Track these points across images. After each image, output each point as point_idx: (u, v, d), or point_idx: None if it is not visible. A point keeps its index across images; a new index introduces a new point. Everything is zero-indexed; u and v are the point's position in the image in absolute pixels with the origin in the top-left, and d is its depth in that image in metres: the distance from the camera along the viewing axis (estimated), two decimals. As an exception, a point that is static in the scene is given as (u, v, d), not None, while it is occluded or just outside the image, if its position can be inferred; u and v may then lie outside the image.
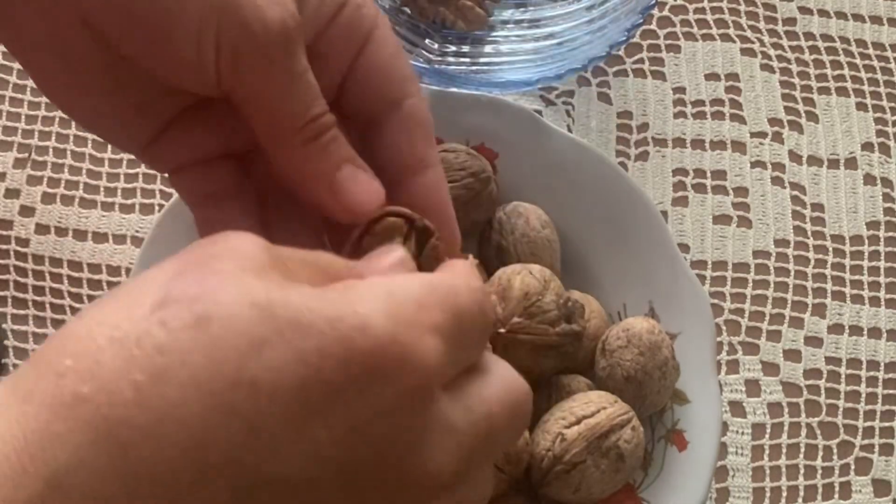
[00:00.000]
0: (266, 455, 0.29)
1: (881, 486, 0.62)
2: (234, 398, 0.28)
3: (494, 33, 0.69)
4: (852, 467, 0.62)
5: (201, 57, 0.37)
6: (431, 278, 0.33)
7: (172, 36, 0.37)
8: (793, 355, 0.64)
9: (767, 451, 0.62)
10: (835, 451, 0.63)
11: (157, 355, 0.28)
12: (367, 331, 0.30)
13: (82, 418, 0.28)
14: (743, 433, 0.62)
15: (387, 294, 0.31)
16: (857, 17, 0.73)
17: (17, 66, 0.67)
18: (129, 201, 0.64)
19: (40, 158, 0.65)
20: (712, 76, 0.71)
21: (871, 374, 0.64)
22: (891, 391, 0.64)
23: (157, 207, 0.64)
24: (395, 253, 0.36)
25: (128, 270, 0.62)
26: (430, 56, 0.67)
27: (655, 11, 0.71)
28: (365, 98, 0.40)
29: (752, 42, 0.72)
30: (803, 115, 0.70)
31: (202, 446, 0.28)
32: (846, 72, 0.71)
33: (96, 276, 0.63)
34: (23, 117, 0.66)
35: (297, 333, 0.29)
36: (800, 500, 0.61)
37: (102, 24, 0.37)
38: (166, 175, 0.43)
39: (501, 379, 0.35)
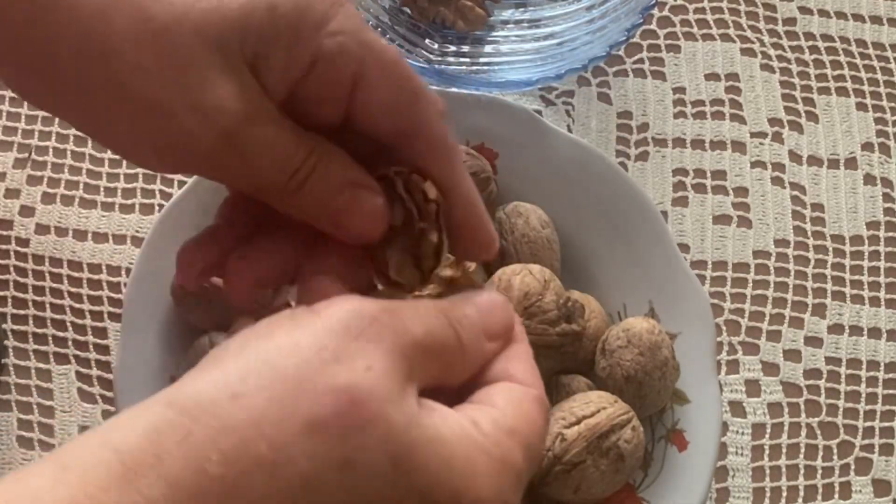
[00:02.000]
0: None
1: (881, 486, 0.62)
2: None
3: (494, 33, 0.69)
4: (852, 467, 0.62)
5: (158, 160, 0.38)
6: (527, 442, 0.36)
7: (121, 140, 0.38)
8: (793, 355, 0.64)
9: (767, 451, 0.62)
10: (835, 451, 0.63)
11: (301, 489, 0.30)
12: None
13: None
14: (743, 433, 0.62)
15: (500, 464, 0.34)
16: (857, 17, 0.73)
17: (17, 66, 0.67)
18: (129, 201, 0.64)
19: (40, 158, 0.65)
20: (712, 76, 0.71)
21: (871, 374, 0.64)
22: (891, 391, 0.64)
23: (157, 207, 0.64)
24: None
25: (128, 271, 0.62)
26: (430, 56, 0.67)
27: (655, 11, 0.71)
28: (373, 129, 0.40)
29: (752, 42, 0.72)
30: (803, 115, 0.70)
31: None
32: (846, 72, 0.71)
33: (96, 276, 0.63)
34: (23, 117, 0.66)
35: (421, 502, 0.32)
36: (800, 500, 0.61)
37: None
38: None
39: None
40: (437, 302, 0.38)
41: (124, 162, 0.65)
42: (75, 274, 0.63)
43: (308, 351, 0.32)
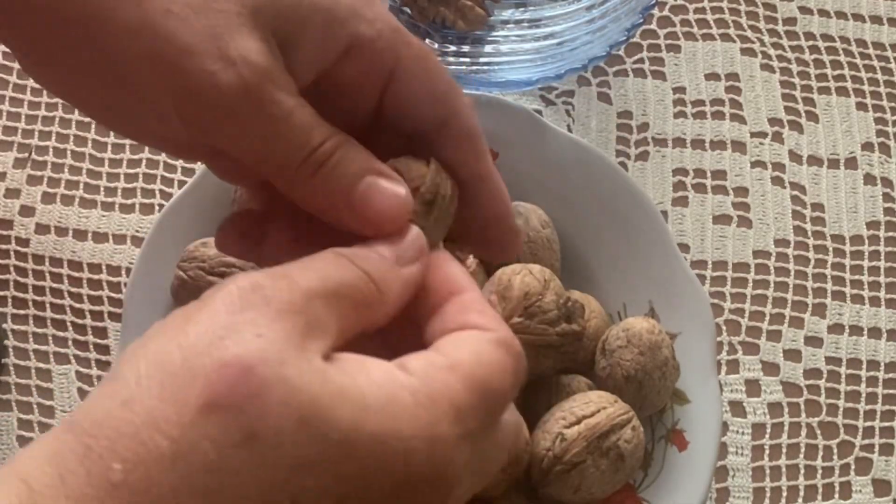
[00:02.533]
0: None
1: (881, 486, 0.62)
2: None
3: (494, 33, 0.69)
4: (852, 467, 0.62)
5: (166, 118, 0.36)
6: (470, 372, 0.33)
7: (137, 112, 0.37)
8: (793, 355, 0.64)
9: (767, 451, 0.62)
10: (835, 451, 0.63)
11: (205, 474, 0.29)
12: (409, 459, 0.31)
13: None
14: (743, 433, 0.62)
15: (429, 404, 0.32)
16: (857, 17, 0.73)
17: (16, 65, 0.67)
18: (129, 201, 0.64)
19: (40, 158, 0.65)
20: (712, 76, 0.71)
21: (871, 374, 0.64)
22: (891, 391, 0.64)
23: (157, 207, 0.64)
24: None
25: (128, 270, 0.62)
26: (430, 56, 0.67)
27: (655, 11, 0.71)
28: (405, 121, 0.39)
29: (753, 42, 0.72)
30: (803, 115, 0.70)
31: None
32: (846, 72, 0.71)
33: (96, 276, 0.63)
34: (23, 117, 0.66)
35: (341, 457, 0.30)
36: (800, 500, 0.61)
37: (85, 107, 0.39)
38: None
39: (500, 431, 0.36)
40: (334, 248, 0.35)
41: (124, 162, 0.65)
42: (75, 274, 0.63)
43: (194, 338, 0.31)
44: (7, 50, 0.68)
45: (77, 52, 0.36)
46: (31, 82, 0.67)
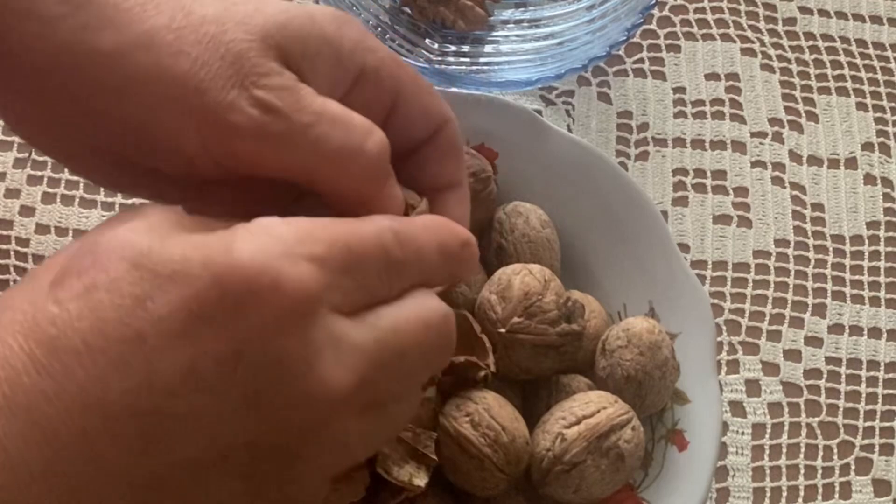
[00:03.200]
0: (162, 396, 0.31)
1: (881, 486, 0.62)
2: (123, 352, 0.31)
3: (494, 33, 0.69)
4: (852, 467, 0.62)
5: (189, 159, 0.37)
6: (329, 219, 0.34)
7: (156, 146, 0.38)
8: (793, 355, 0.64)
9: (767, 451, 0.62)
10: (835, 451, 0.63)
11: (50, 327, 0.31)
12: (235, 265, 0.32)
13: None
14: (743, 433, 0.62)
15: (264, 232, 0.33)
16: (857, 17, 0.73)
17: (17, 66, 0.67)
18: (129, 201, 0.64)
19: (40, 158, 0.65)
20: (712, 76, 0.71)
21: (871, 374, 0.64)
22: (891, 391, 0.64)
23: (157, 207, 0.64)
24: None
25: (128, 270, 0.62)
26: (430, 56, 0.67)
27: (655, 11, 0.71)
28: (404, 139, 0.41)
29: (752, 42, 0.72)
30: (803, 115, 0.70)
31: (102, 402, 0.31)
32: (846, 72, 0.71)
33: (96, 276, 0.63)
34: (23, 117, 0.66)
35: (175, 284, 0.31)
36: (800, 500, 0.61)
37: (93, 136, 0.39)
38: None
39: (414, 302, 0.36)
40: None
41: (124, 162, 0.65)
42: (75, 274, 0.63)
43: (64, 249, 0.34)
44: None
45: (88, 104, 0.37)
46: (31, 82, 0.67)
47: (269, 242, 0.32)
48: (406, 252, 0.36)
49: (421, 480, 0.50)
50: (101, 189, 0.65)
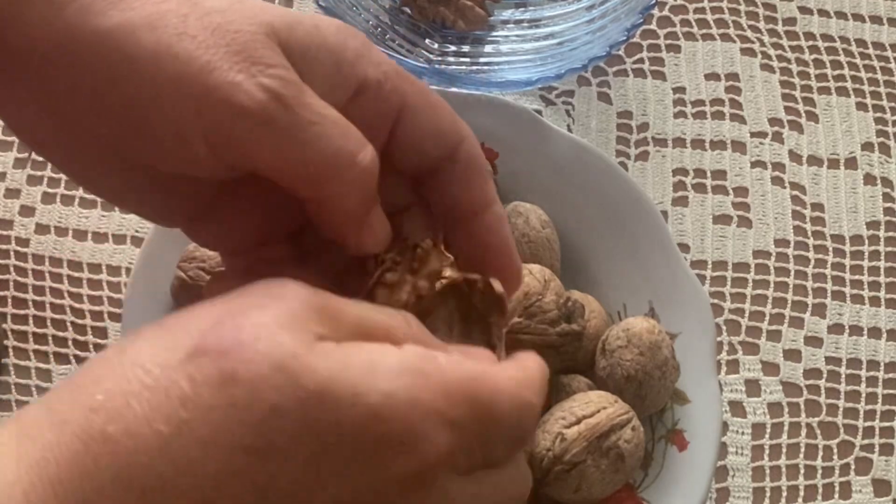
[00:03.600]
0: None
1: (881, 486, 0.62)
2: (248, 462, 0.30)
3: (494, 33, 0.69)
4: (852, 467, 0.62)
5: (188, 144, 0.36)
6: (478, 370, 0.33)
7: (156, 134, 0.36)
8: (793, 355, 0.64)
9: (767, 451, 0.62)
10: (835, 451, 0.63)
11: (181, 409, 0.30)
12: (386, 416, 0.31)
13: (108, 458, 0.30)
14: (743, 433, 0.62)
15: (416, 373, 0.32)
16: (857, 17, 0.73)
17: (17, 66, 0.67)
18: (129, 201, 0.64)
19: (40, 158, 0.65)
20: (712, 76, 0.71)
21: (871, 374, 0.64)
22: (891, 391, 0.64)
23: (157, 207, 0.64)
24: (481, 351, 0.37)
25: (128, 270, 0.62)
26: (430, 56, 0.67)
27: (655, 11, 0.71)
28: (414, 159, 0.40)
29: (752, 42, 0.72)
30: (803, 115, 0.70)
31: (211, 503, 0.30)
32: (846, 72, 0.71)
33: (96, 276, 0.63)
34: (23, 117, 0.66)
35: (317, 405, 0.30)
36: (800, 500, 0.61)
37: (96, 128, 0.37)
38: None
39: (515, 468, 0.36)
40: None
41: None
42: (75, 274, 0.63)
43: (203, 311, 0.33)
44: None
45: (88, 90, 0.36)
46: (31, 82, 0.67)
47: (418, 392, 0.32)
48: (529, 419, 0.36)
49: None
50: (101, 189, 0.65)
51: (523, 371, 0.35)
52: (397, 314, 0.35)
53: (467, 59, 0.68)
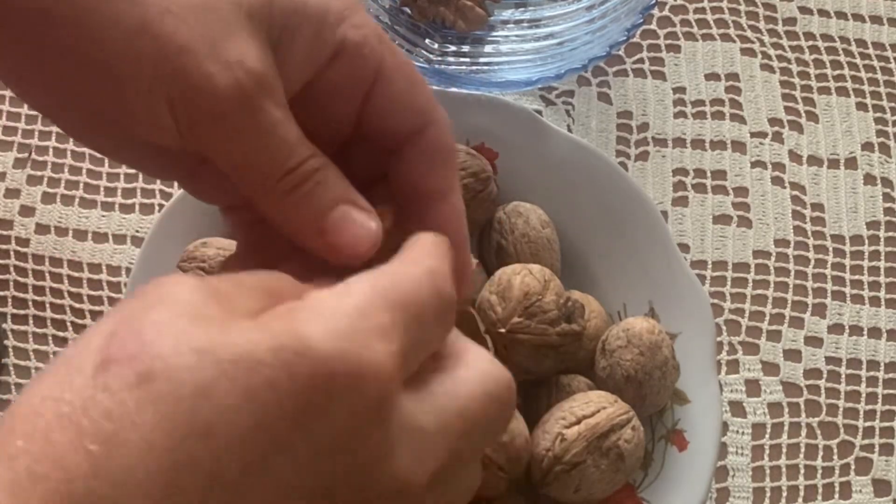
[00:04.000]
0: (232, 495, 0.28)
1: (881, 486, 0.62)
2: (191, 449, 0.28)
3: (494, 33, 0.69)
4: (852, 467, 0.62)
5: (159, 119, 0.36)
6: (374, 278, 0.32)
7: (131, 106, 0.36)
8: (793, 355, 0.64)
9: (767, 451, 0.62)
10: (835, 451, 0.63)
11: (105, 421, 0.28)
12: (310, 353, 0.29)
13: (43, 497, 0.27)
14: (743, 433, 0.62)
15: (327, 309, 0.31)
16: (857, 17, 0.73)
17: (17, 66, 0.67)
18: (129, 201, 0.64)
19: (40, 158, 0.65)
20: (712, 76, 0.71)
21: (871, 374, 0.64)
22: (891, 391, 0.64)
23: (157, 207, 0.64)
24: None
25: (128, 270, 0.62)
26: (430, 56, 0.67)
27: (655, 11, 0.71)
28: (384, 130, 0.39)
29: (752, 42, 0.72)
30: (803, 115, 0.70)
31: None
32: (846, 72, 0.71)
33: (96, 276, 0.63)
34: (23, 117, 0.66)
35: (242, 371, 0.29)
36: (800, 500, 0.61)
37: (80, 89, 0.37)
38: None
39: (476, 371, 0.34)
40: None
41: (124, 162, 0.65)
42: (75, 274, 0.63)
43: (94, 332, 0.31)
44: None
45: (69, 53, 0.36)
46: (31, 82, 0.67)
47: (336, 322, 0.30)
48: (450, 291, 0.34)
49: None
50: (101, 189, 0.65)
51: (414, 251, 0.34)
52: (284, 276, 0.34)
53: (467, 59, 0.67)
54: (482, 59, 0.68)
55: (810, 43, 0.72)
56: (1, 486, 0.27)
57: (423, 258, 0.34)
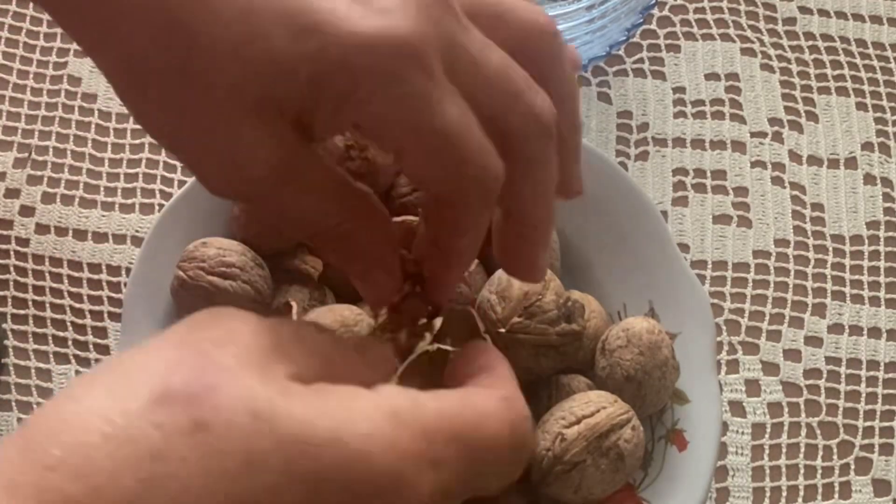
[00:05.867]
0: None
1: (881, 486, 0.62)
2: None
3: (494, 33, 0.69)
4: (852, 467, 0.62)
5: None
6: (457, 399, 0.32)
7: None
8: (793, 355, 0.64)
9: (767, 451, 0.62)
10: (835, 450, 0.63)
11: (150, 461, 0.28)
12: (368, 460, 0.29)
13: None
14: (743, 433, 0.62)
15: (392, 415, 0.30)
16: (857, 17, 0.73)
17: (17, 65, 0.67)
18: (129, 201, 0.64)
19: (40, 158, 0.65)
20: (712, 76, 0.71)
21: (871, 373, 0.64)
22: (891, 391, 0.64)
23: (157, 207, 0.64)
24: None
25: (128, 270, 0.62)
26: (430, 56, 0.67)
27: (655, 11, 0.71)
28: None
29: (752, 42, 0.72)
30: (803, 114, 0.70)
31: None
32: (846, 72, 0.71)
33: (96, 276, 0.63)
34: (23, 117, 0.66)
35: (296, 452, 0.29)
36: (800, 500, 0.61)
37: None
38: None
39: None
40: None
41: (124, 162, 0.65)
42: (75, 274, 0.63)
43: (157, 351, 0.31)
44: (7, 49, 0.68)
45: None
46: (31, 82, 0.67)
47: (398, 435, 0.30)
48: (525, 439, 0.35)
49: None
50: (101, 189, 0.65)
51: (505, 388, 0.34)
52: (343, 342, 0.35)
53: (467, 59, 0.67)
54: (482, 59, 0.68)
55: (810, 43, 0.72)
56: (29, 496, 0.27)
57: (503, 400, 0.34)
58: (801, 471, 0.62)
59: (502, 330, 0.54)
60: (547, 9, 0.69)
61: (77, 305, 0.62)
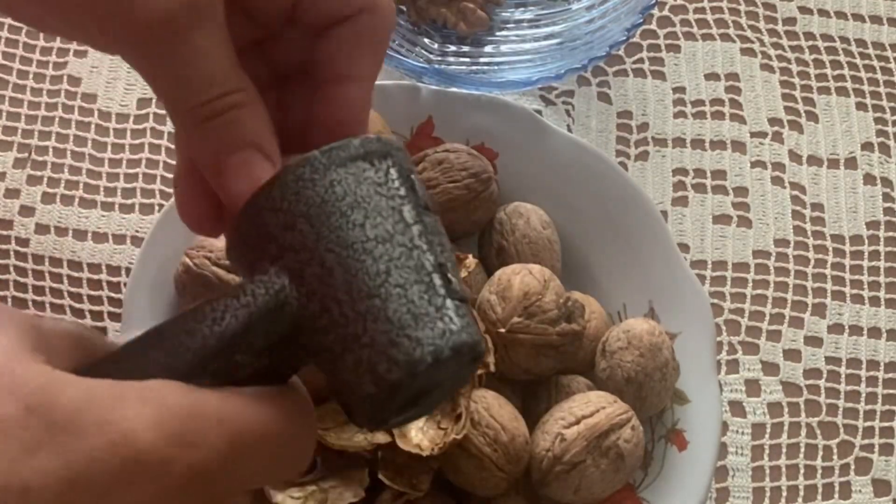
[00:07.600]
0: None
1: (881, 486, 0.62)
2: (5, 502, 0.29)
3: (494, 33, 0.69)
4: (852, 467, 0.62)
5: (89, 30, 0.37)
6: (210, 398, 0.33)
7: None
8: (793, 355, 0.64)
9: (767, 451, 0.62)
10: (835, 451, 0.63)
11: None
12: (133, 439, 0.30)
13: None
14: (743, 433, 0.62)
15: (156, 399, 0.31)
16: (857, 17, 0.73)
17: (16, 65, 0.67)
18: (129, 201, 0.64)
19: (40, 158, 0.65)
20: (712, 76, 0.71)
21: (871, 373, 0.64)
22: (891, 391, 0.64)
23: (157, 207, 0.64)
24: None
25: (128, 270, 0.62)
26: (430, 56, 0.67)
27: (655, 11, 0.71)
28: (318, 13, 0.39)
29: (752, 42, 0.72)
30: (803, 115, 0.70)
31: None
32: (846, 72, 0.71)
33: (96, 276, 0.63)
34: (23, 117, 0.66)
35: (68, 437, 0.30)
36: (800, 500, 0.61)
37: None
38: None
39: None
40: None
41: (124, 162, 0.65)
42: (75, 274, 0.63)
43: None
44: (7, 49, 0.68)
45: None
46: (31, 82, 0.67)
47: (162, 414, 0.31)
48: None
49: (423, 485, 0.50)
50: (101, 189, 0.64)
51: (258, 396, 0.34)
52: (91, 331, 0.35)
53: (467, 59, 0.67)
54: (482, 59, 0.68)
55: (810, 43, 0.72)
56: None
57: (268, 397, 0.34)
58: (801, 471, 0.62)
59: (502, 330, 0.54)
60: (547, 9, 0.69)
61: (77, 305, 0.62)
